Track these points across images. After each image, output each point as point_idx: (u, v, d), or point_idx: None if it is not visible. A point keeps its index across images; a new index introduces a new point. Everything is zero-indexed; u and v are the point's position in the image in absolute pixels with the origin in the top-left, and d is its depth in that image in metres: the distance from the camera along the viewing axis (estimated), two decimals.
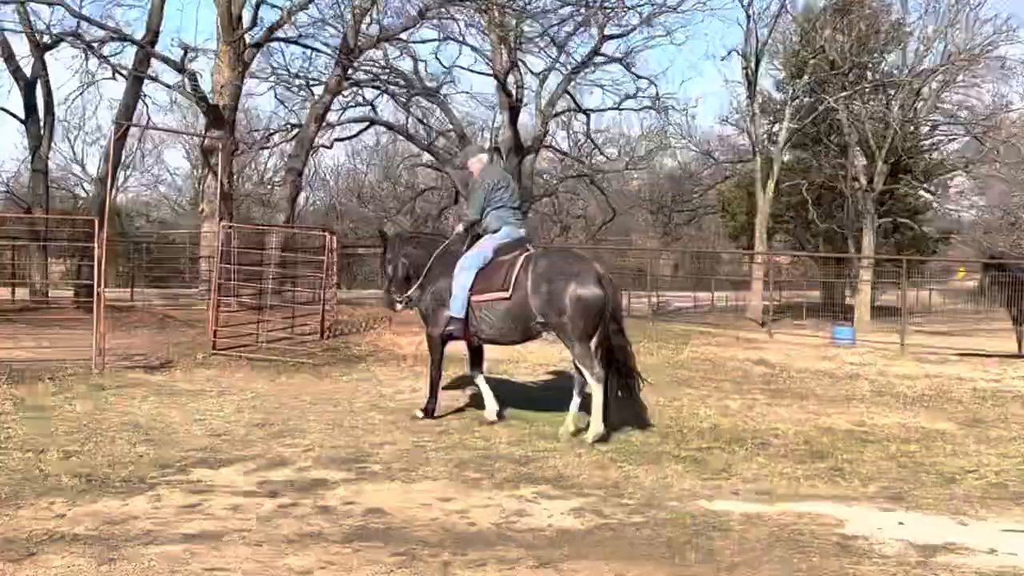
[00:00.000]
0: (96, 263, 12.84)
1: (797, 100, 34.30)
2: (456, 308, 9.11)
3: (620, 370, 8.97)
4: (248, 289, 16.97)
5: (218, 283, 14.88)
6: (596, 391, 8.76)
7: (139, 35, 22.69)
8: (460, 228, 9.83)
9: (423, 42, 30.88)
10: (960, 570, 5.48)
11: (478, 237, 9.51)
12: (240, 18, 21.50)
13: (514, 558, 5.43)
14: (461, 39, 30.97)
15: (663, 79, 40.34)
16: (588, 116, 35.61)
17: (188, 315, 18.73)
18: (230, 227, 16.44)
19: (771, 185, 33.46)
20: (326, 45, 25.82)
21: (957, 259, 43.52)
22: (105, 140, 40.34)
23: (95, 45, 22.00)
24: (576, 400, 9.20)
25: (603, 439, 8.64)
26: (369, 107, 31.46)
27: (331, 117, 27.10)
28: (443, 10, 24.97)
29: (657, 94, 33.51)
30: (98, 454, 7.62)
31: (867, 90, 33.75)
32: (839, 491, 7.39)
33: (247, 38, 22.02)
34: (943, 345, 19.95)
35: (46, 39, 24.21)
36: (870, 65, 34.63)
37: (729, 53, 35.44)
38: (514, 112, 31.68)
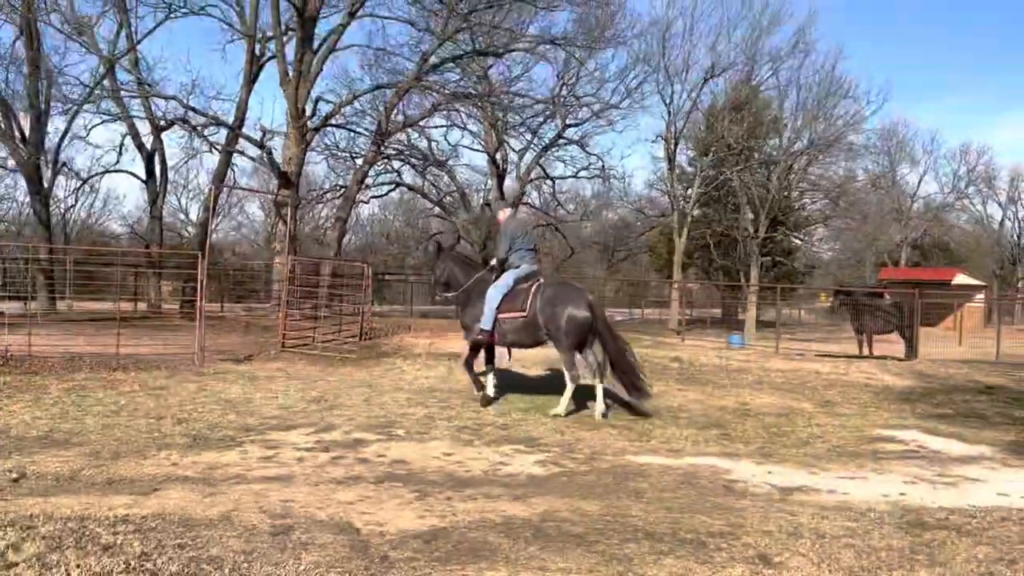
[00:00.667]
0: (199, 284, 12.89)
1: (704, 172, 34.50)
2: (486, 323, 9.11)
3: (625, 371, 8.93)
4: (307, 304, 17.00)
5: (286, 300, 14.91)
6: (569, 386, 8.86)
7: (230, 120, 22.78)
8: (493, 262, 9.65)
9: (435, 127, 30.99)
10: (808, 503, 5.64)
11: (503, 270, 9.47)
12: (304, 110, 21.60)
13: (497, 494, 5.53)
14: (463, 126, 31.29)
15: (608, 156, 40.57)
16: (554, 182, 35.78)
17: (263, 323, 18.71)
18: (295, 260, 16.50)
19: (685, 233, 33.68)
20: (366, 129, 26.01)
21: (818, 287, 43.81)
22: (203, 196, 40.26)
23: (198, 128, 22.05)
24: (599, 390, 8.98)
25: (562, 416, 8.68)
26: (396, 173, 31.54)
27: (368, 181, 27.18)
28: (450, 105, 25.22)
29: (604, 167, 33.71)
30: (200, 421, 7.68)
31: (754, 165, 33.93)
32: (727, 450, 7.54)
33: (309, 124, 22.12)
34: (806, 348, 20.14)
35: (162, 123, 24.25)
36: (756, 147, 34.90)
37: (656, 138, 35.74)
38: (500, 178, 31.91)
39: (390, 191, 35.20)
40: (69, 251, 27.95)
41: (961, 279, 41.44)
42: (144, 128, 25.35)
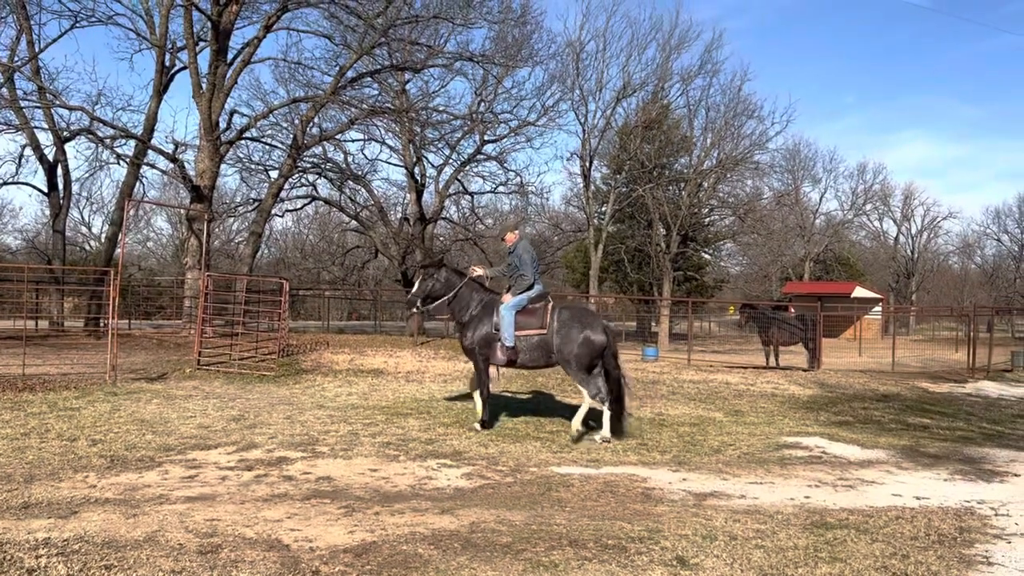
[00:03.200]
0: (110, 301, 12.51)
1: (618, 189, 35.35)
2: (508, 338, 8.87)
3: (614, 395, 8.84)
4: (221, 320, 16.66)
5: (201, 316, 14.59)
6: (585, 403, 8.84)
7: (139, 132, 22.13)
8: (521, 284, 9.15)
9: (352, 141, 30.95)
10: (721, 508, 5.94)
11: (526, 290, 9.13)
12: (217, 122, 21.18)
13: (424, 508, 5.62)
14: (381, 140, 31.17)
15: (526, 172, 41.08)
16: (472, 197, 35.94)
17: (175, 340, 18.21)
18: (208, 275, 16.16)
19: (600, 248, 34.39)
20: (281, 142, 25.71)
21: (727, 300, 45.29)
22: (109, 209, 38.82)
23: (105, 140, 21.33)
24: (606, 413, 8.81)
25: (609, 439, 8.58)
26: (311, 187, 31.15)
27: (283, 194, 26.79)
28: (367, 120, 25.16)
29: (521, 182, 34.00)
30: (117, 441, 7.49)
31: (665, 183, 34.90)
32: (645, 459, 7.82)
33: (223, 137, 21.70)
34: (717, 360, 20.85)
35: (65, 134, 23.34)
36: (667, 165, 35.91)
37: (571, 155, 36.58)
38: (419, 193, 31.94)
39: (305, 205, 34.77)
40: None
41: (860, 292, 43.60)
42: (46, 139, 24.38)
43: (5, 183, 29.00)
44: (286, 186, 26.27)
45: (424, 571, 4.27)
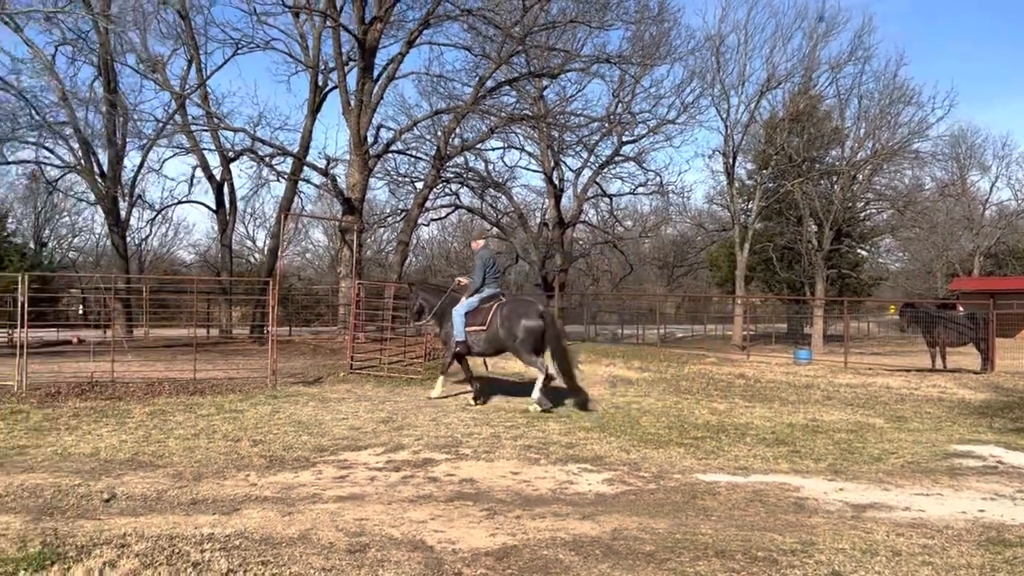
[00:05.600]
0: (270, 309, 13.26)
1: (764, 185, 34.09)
2: (459, 335, 10.71)
3: (564, 371, 10.32)
4: (372, 326, 17.29)
5: (353, 322, 15.20)
6: (540, 378, 10.27)
7: (295, 150, 23.44)
8: (470, 288, 10.96)
9: (492, 150, 31.38)
10: (882, 520, 5.53)
11: (475, 292, 10.86)
12: (366, 137, 22.10)
13: (565, 513, 5.55)
14: (520, 147, 31.62)
15: (666, 171, 40.42)
16: (611, 199, 35.75)
17: (330, 346, 19.10)
18: (360, 283, 16.83)
19: (746, 247, 33.28)
20: (425, 154, 26.55)
21: (885, 299, 42.63)
22: (271, 223, 41.40)
23: (265, 158, 22.74)
24: (539, 379, 10.33)
25: (539, 410, 10.03)
26: (454, 196, 31.99)
27: (427, 204, 27.62)
28: (507, 128, 25.52)
29: (661, 182, 33.63)
30: (276, 442, 7.87)
31: (815, 177, 33.38)
32: (797, 467, 7.42)
33: (371, 151, 22.62)
34: (876, 362, 19.64)
35: (230, 154, 25.08)
36: (817, 158, 34.28)
37: (714, 152, 35.63)
38: (557, 197, 32.07)
39: (449, 213, 35.75)
40: (145, 280, 28.97)
41: None
42: (214, 160, 26.32)
43: (179, 202, 31.66)
44: (431, 196, 27.11)
45: None
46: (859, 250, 38.62)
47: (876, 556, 4.62)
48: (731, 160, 33.16)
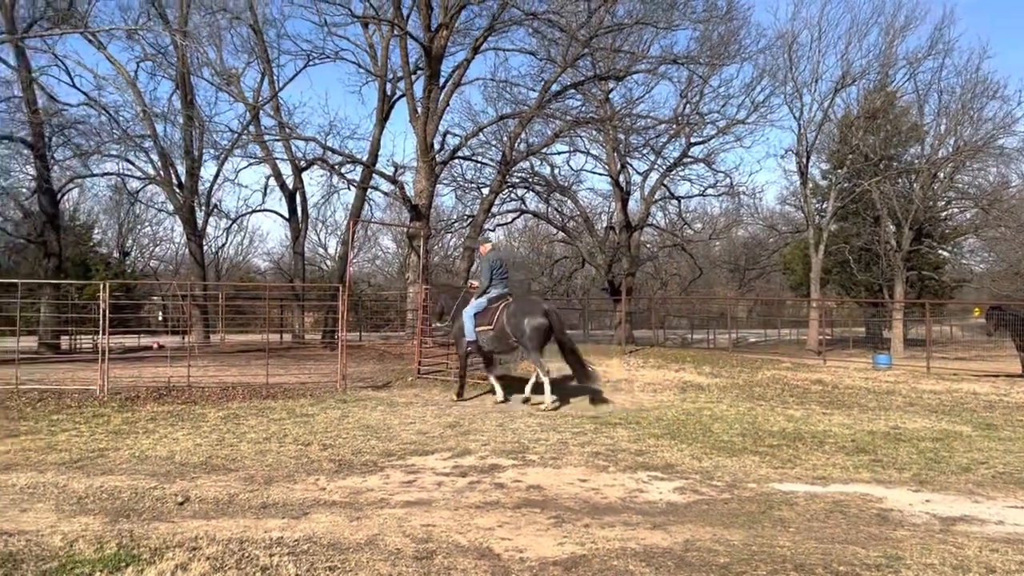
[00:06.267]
0: (340, 315, 13.44)
1: (839, 185, 33.06)
2: (469, 334, 11.42)
3: (575, 362, 11.05)
4: (439, 331, 17.35)
5: (420, 328, 15.29)
6: (546, 381, 10.82)
7: (364, 158, 23.79)
8: (478, 289, 11.63)
9: (558, 154, 31.30)
10: (974, 534, 5.22)
11: (483, 293, 11.50)
12: (432, 144, 22.28)
13: (635, 522, 5.41)
14: (586, 150, 31.42)
15: (736, 172, 39.64)
16: (679, 201, 35.21)
17: (398, 351, 19.27)
18: (427, 288, 16.92)
19: (822, 248, 32.27)
20: (490, 160, 26.61)
21: (970, 301, 40.82)
22: (342, 231, 42.15)
23: (336, 166, 23.14)
24: (532, 383, 11.33)
25: (556, 408, 10.78)
26: (520, 201, 31.99)
27: (493, 209, 27.69)
28: (572, 131, 25.39)
29: (732, 183, 32.94)
30: (345, 446, 7.91)
31: (893, 175, 32.22)
32: (879, 477, 7.08)
33: (437, 157, 22.79)
34: (961, 367, 18.79)
35: (302, 163, 25.63)
36: (895, 156, 33.09)
37: (786, 152, 34.63)
38: (624, 200, 31.74)
39: (515, 218, 35.72)
40: (221, 287, 29.82)
41: None
42: (286, 169, 26.95)
43: (253, 211, 32.48)
44: (496, 201, 27.15)
45: None
46: (941, 251, 37.11)
47: (968, 572, 4.35)
48: (805, 159, 32.22)
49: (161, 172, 25.61)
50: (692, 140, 30.86)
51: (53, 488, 6.01)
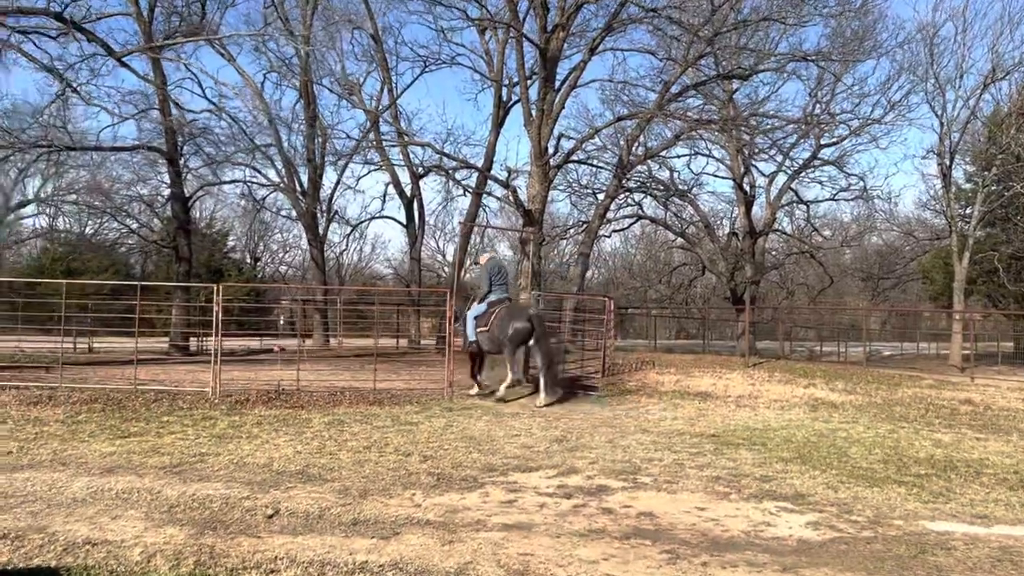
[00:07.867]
0: (447, 320, 13.23)
1: (987, 188, 30.45)
2: (470, 334, 12.44)
3: (550, 367, 11.92)
4: (552, 338, 16.93)
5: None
6: (509, 377, 12.15)
7: (479, 163, 23.69)
8: (479, 294, 12.66)
9: (677, 157, 30.30)
10: None
11: (483, 299, 12.50)
12: (546, 148, 21.87)
13: (762, 562, 4.75)
14: (707, 153, 30.30)
15: (870, 175, 37.29)
16: (808, 206, 33.44)
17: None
18: (539, 295, 16.53)
19: (966, 257, 29.79)
20: (606, 163, 25.98)
21: None
22: (457, 236, 42.50)
23: (451, 172, 23.13)
24: (507, 383, 12.26)
25: (505, 401, 11.95)
26: (637, 206, 31.18)
27: (609, 214, 27.02)
28: (693, 133, 24.41)
29: (865, 187, 31.02)
30: (445, 459, 7.56)
31: None
32: None
33: (551, 161, 22.38)
34: None
35: (420, 170, 25.81)
36: None
37: (927, 153, 32.22)
38: (748, 205, 30.41)
39: (631, 224, 34.95)
40: (340, 292, 30.49)
41: None
42: (404, 177, 27.24)
43: (372, 217, 33.13)
44: (612, 206, 26.49)
45: None
46: None
47: None
48: (947, 161, 29.85)
49: (285, 179, 26.38)
50: (822, 141, 29.23)
51: (147, 494, 5.89)
